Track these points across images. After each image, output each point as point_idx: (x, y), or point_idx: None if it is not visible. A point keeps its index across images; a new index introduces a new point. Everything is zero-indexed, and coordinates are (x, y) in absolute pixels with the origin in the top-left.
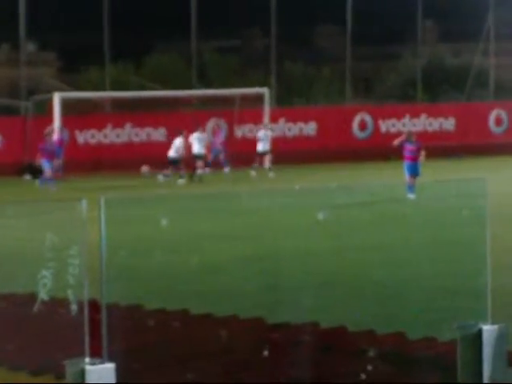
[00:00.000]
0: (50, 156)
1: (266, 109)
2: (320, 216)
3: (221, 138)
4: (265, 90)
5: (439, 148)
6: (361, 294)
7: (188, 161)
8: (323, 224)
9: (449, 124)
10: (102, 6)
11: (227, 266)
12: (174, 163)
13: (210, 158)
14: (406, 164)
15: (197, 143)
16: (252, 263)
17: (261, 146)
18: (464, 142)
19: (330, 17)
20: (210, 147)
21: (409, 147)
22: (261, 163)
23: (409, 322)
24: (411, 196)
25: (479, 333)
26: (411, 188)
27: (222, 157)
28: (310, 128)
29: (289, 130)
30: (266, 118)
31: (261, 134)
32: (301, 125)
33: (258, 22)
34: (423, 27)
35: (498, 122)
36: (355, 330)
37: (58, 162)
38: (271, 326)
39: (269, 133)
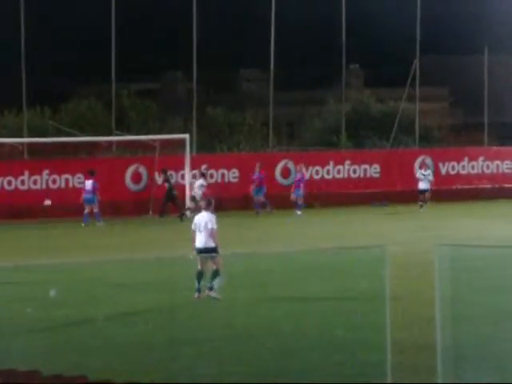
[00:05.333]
0: None
1: (188, 155)
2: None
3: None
4: (186, 136)
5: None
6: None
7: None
8: None
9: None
10: (20, 50)
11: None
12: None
13: None
14: None
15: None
16: None
17: (422, 185)
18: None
19: (253, 61)
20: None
21: None
22: (423, 200)
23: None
24: None
25: None
26: None
27: None
28: (233, 175)
29: (211, 176)
30: (187, 165)
31: (419, 174)
32: (223, 171)
33: (179, 66)
34: (348, 72)
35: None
36: None
37: None
38: None
39: (427, 173)
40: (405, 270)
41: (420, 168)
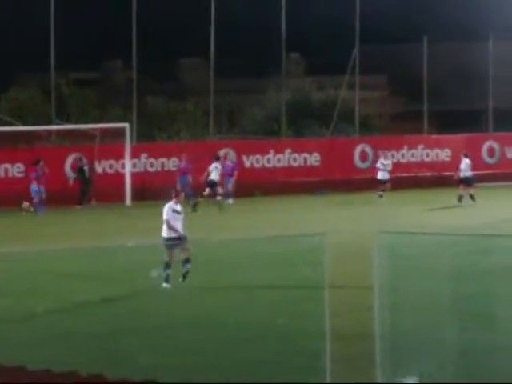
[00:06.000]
0: None
1: (128, 144)
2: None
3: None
4: (126, 125)
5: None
6: None
7: None
8: None
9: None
10: None
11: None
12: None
13: None
14: None
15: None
16: None
17: (381, 175)
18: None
19: (193, 49)
20: None
21: None
22: (383, 189)
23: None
24: None
25: None
26: None
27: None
28: (173, 163)
29: (151, 165)
30: (127, 154)
31: (379, 164)
32: (163, 160)
33: (119, 55)
34: (288, 60)
35: (364, 157)
36: None
37: None
38: None
39: (386, 163)
40: (344, 258)
41: (379, 157)
